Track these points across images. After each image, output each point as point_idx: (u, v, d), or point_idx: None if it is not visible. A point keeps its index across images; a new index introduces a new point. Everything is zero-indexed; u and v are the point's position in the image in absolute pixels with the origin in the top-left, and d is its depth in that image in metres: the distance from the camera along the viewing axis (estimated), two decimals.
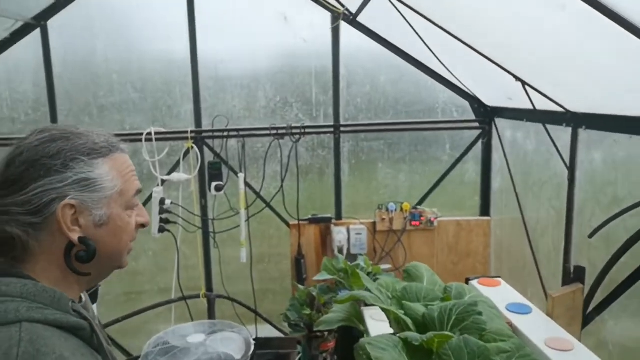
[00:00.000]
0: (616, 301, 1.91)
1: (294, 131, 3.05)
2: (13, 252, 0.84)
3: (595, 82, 1.88)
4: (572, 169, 2.20)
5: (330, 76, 3.06)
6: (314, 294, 2.00)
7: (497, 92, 2.77)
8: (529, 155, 2.64)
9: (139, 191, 0.96)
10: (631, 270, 1.83)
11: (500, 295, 1.98)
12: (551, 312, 1.74)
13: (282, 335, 3.34)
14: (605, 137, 1.97)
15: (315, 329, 1.61)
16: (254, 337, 3.21)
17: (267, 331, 3.32)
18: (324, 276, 2.15)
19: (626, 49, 1.53)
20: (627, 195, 1.86)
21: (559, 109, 2.20)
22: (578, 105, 2.09)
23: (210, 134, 3.07)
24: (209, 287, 3.24)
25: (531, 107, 2.28)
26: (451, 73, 2.75)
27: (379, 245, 3.10)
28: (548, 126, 2.37)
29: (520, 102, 2.53)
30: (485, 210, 3.18)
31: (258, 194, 3.14)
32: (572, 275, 1.80)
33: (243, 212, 3.04)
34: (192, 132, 3.04)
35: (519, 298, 1.93)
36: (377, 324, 1.81)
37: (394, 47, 3.01)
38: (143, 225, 0.99)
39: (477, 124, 3.10)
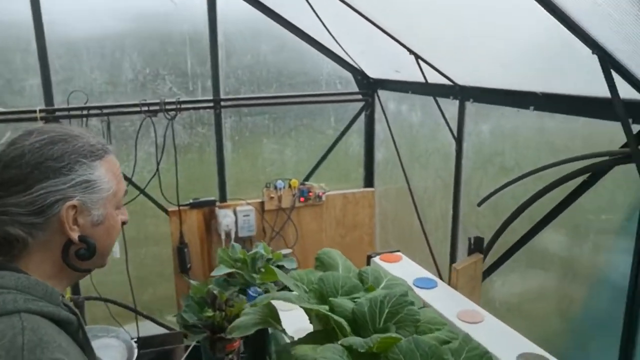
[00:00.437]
0: (504, 264, 2.05)
1: (168, 107, 2.73)
2: (12, 251, 0.85)
3: (484, 58, 1.92)
4: (459, 140, 2.27)
5: (207, 45, 2.77)
6: (215, 292, 1.80)
7: (383, 64, 2.76)
8: (414, 127, 2.70)
9: (126, 192, 1.00)
10: (517, 235, 1.96)
11: (404, 270, 1.99)
12: (455, 283, 1.79)
13: (166, 331, 3.07)
14: (492, 110, 2.06)
15: (228, 336, 1.44)
16: (136, 337, 2.91)
17: (149, 328, 3.03)
18: (222, 270, 1.97)
19: (514, 24, 1.57)
20: (515, 165, 1.97)
21: (448, 82, 2.24)
22: (466, 79, 2.15)
23: (66, 112, 2.60)
24: (75, 290, 2.82)
25: (422, 80, 2.29)
26: (337, 43, 2.66)
27: (269, 225, 2.97)
28: (428, 98, 2.42)
29: (408, 74, 2.54)
30: (369, 181, 3.22)
31: (130, 180, 2.77)
32: (472, 245, 1.87)
33: None
34: (41, 111, 2.54)
35: (423, 272, 1.96)
36: (287, 315, 1.69)
37: (275, 14, 2.82)
38: (124, 223, 1.01)
39: (360, 96, 3.08)
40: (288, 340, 1.55)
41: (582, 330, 1.84)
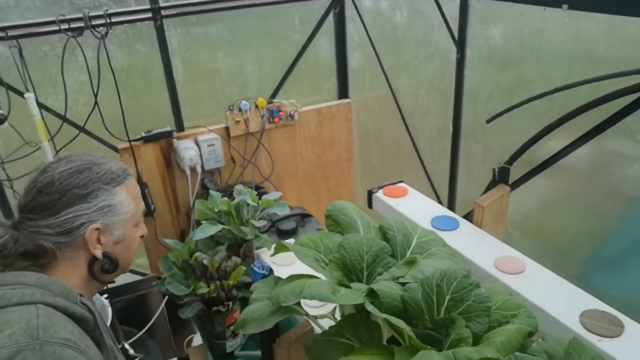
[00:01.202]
0: (520, 186, 1.86)
1: (94, 22, 2.16)
2: (41, 260, 0.94)
3: None
4: (461, 45, 1.94)
5: None
6: (204, 261, 1.51)
7: None
8: (399, 29, 2.31)
9: (144, 211, 1.09)
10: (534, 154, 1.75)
11: (415, 207, 1.76)
12: (479, 221, 1.58)
13: (136, 277, 2.80)
14: (507, 8, 1.71)
15: (239, 331, 1.18)
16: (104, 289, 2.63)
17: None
18: (207, 231, 1.65)
19: None
20: (537, 76, 1.69)
21: None
22: None
23: None
24: None
25: None
26: None
27: (238, 153, 2.61)
28: None
29: None
30: (343, 92, 2.86)
31: (63, 118, 2.27)
32: (497, 177, 1.63)
33: (47, 145, 2.19)
34: None
35: (438, 208, 1.74)
36: (288, 271, 1.44)
37: None
38: (142, 236, 1.09)
39: None
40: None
41: (614, 253, 1.71)
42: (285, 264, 1.73)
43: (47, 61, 2.19)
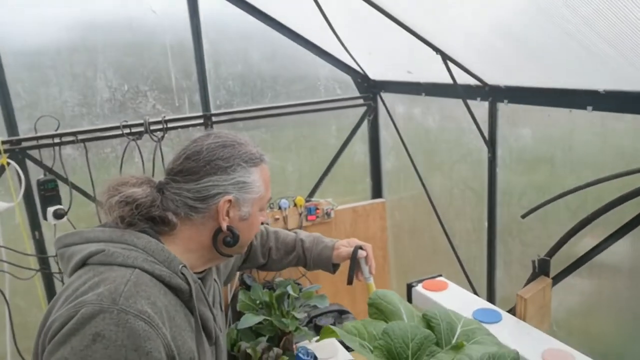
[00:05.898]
0: (561, 281, 1.84)
1: (153, 127, 2.39)
2: (162, 227, 1.01)
3: (523, 51, 1.70)
4: (492, 146, 2.06)
5: (192, 55, 2.45)
6: (248, 350, 1.52)
7: (389, 65, 2.51)
8: (431, 132, 2.46)
9: (270, 198, 1.15)
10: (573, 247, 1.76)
11: (454, 300, 1.76)
12: (523, 314, 1.57)
13: None
14: (534, 111, 1.84)
15: None
16: None
17: None
18: (250, 321, 1.67)
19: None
20: (568, 173, 1.76)
21: (475, 83, 2.02)
22: (499, 78, 1.93)
23: (35, 142, 2.23)
24: None
25: (441, 80, 2.06)
26: (341, 43, 2.38)
27: None
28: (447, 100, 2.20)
29: (421, 75, 2.31)
30: (377, 192, 2.97)
31: None
32: (537, 268, 1.65)
33: None
34: (4, 142, 2.17)
35: (479, 301, 1.73)
36: None
37: (264, 15, 2.52)
38: (262, 223, 1.16)
39: (361, 101, 2.83)
40: None
41: None
42: (329, 356, 1.72)
43: (107, 161, 2.40)
